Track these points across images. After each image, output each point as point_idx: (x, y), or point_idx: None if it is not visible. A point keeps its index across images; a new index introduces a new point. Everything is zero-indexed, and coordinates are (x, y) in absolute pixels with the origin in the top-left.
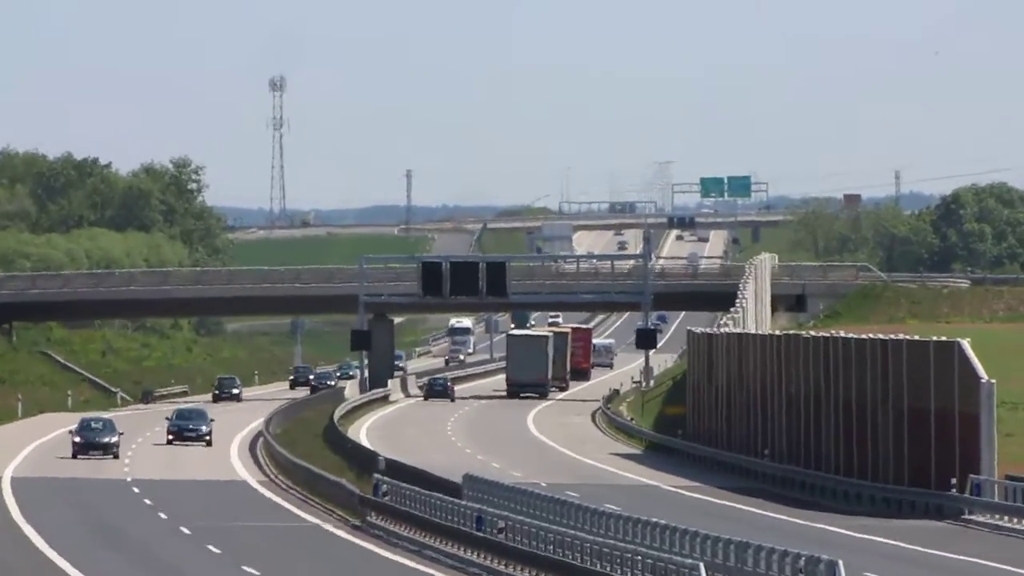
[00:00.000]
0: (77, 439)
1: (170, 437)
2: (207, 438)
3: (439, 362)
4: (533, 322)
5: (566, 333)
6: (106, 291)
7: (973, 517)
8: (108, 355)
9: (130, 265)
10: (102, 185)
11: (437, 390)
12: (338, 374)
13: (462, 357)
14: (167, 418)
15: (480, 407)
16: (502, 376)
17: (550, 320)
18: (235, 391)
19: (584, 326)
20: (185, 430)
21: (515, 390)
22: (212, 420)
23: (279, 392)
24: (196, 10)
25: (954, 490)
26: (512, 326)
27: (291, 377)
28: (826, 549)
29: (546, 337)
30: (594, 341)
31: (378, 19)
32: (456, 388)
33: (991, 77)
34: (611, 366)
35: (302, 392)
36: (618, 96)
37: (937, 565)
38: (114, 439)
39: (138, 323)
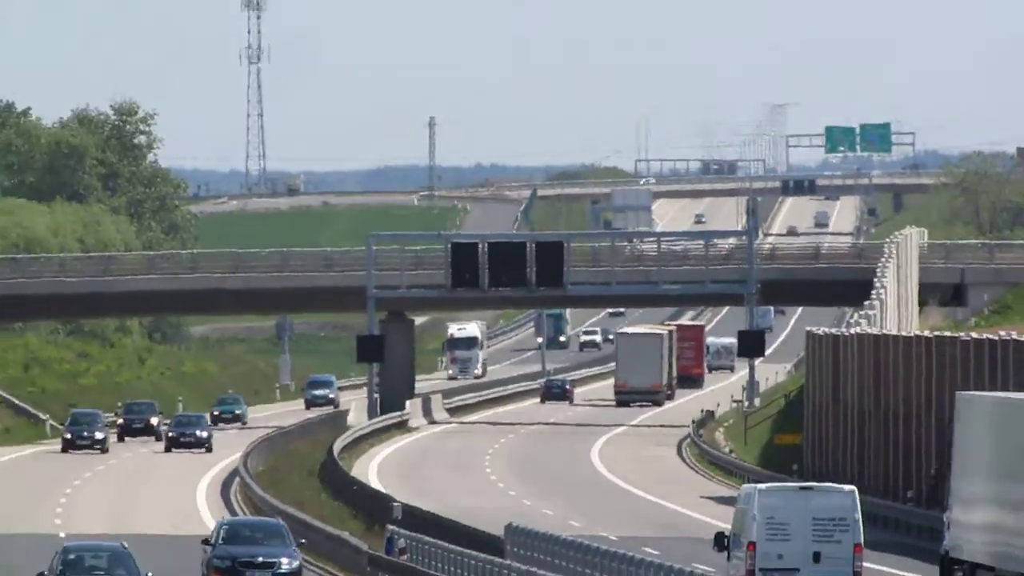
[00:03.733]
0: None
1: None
2: None
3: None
4: (581, 331)
5: (671, 332)
6: (28, 282)
7: None
8: (32, 369)
9: (59, 247)
10: (19, 140)
11: (555, 392)
12: (215, 411)
13: (476, 372)
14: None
15: (528, 435)
16: (599, 384)
17: (585, 332)
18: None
19: (695, 323)
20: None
21: (625, 398)
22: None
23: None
24: None
25: None
26: (539, 339)
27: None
28: None
29: (661, 336)
30: (708, 340)
31: None
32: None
33: None
34: (732, 368)
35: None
36: (713, 19)
37: None
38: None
39: (72, 325)
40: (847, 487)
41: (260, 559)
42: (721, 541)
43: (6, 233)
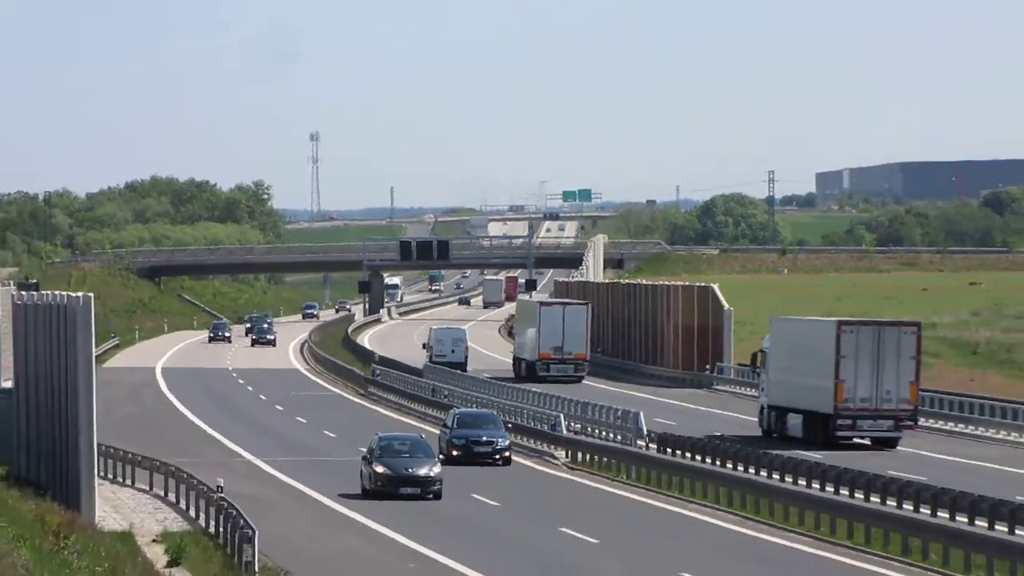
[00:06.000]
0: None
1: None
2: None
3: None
4: (443, 276)
5: (506, 278)
6: (215, 259)
7: (719, 388)
8: (217, 296)
9: (228, 243)
10: (211, 197)
11: (464, 301)
12: (268, 321)
13: (398, 300)
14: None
15: (437, 324)
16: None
17: (434, 286)
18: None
19: (513, 275)
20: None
21: (487, 306)
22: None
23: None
24: (260, 85)
25: (708, 371)
26: (431, 287)
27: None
28: (633, 405)
29: (502, 280)
30: (520, 281)
31: (382, 81)
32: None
33: (746, 118)
34: (528, 294)
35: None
36: (514, 130)
37: (693, 413)
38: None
39: (235, 277)
40: (464, 327)
41: (484, 438)
42: (424, 346)
43: (206, 237)
